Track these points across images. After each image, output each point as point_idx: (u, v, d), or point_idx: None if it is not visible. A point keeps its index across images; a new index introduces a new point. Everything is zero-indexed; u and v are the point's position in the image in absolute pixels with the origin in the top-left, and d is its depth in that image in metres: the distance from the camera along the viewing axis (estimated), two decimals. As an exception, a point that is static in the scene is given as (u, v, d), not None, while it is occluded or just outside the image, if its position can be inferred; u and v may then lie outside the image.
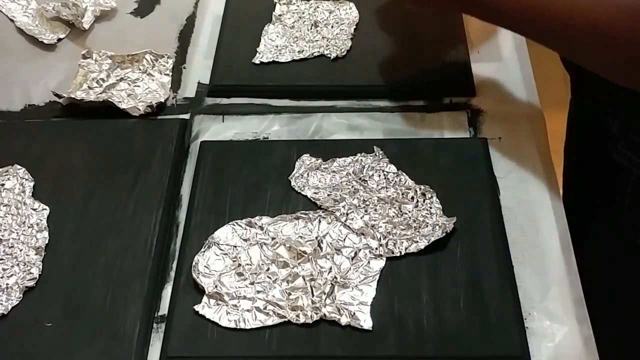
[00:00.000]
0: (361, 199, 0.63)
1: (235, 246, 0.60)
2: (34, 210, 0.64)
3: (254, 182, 0.66)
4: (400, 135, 0.71)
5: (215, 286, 0.57)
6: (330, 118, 0.73)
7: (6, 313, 0.57)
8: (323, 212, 0.62)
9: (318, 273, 0.58)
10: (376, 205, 0.63)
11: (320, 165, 0.67)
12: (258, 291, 0.57)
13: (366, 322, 0.55)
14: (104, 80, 0.77)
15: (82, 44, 0.83)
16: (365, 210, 0.62)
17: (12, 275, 0.59)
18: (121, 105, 0.73)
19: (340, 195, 0.64)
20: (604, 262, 0.76)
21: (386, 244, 0.59)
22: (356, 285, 0.57)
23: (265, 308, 0.56)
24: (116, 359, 0.55)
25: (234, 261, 0.59)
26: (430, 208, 0.62)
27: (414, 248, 0.59)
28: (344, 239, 0.60)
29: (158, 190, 0.66)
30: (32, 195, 0.65)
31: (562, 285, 0.58)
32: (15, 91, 0.77)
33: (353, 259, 0.59)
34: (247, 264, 0.59)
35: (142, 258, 0.60)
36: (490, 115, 0.72)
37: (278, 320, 0.55)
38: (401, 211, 0.62)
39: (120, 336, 0.56)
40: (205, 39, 0.83)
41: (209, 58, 0.80)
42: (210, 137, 0.71)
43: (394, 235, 0.60)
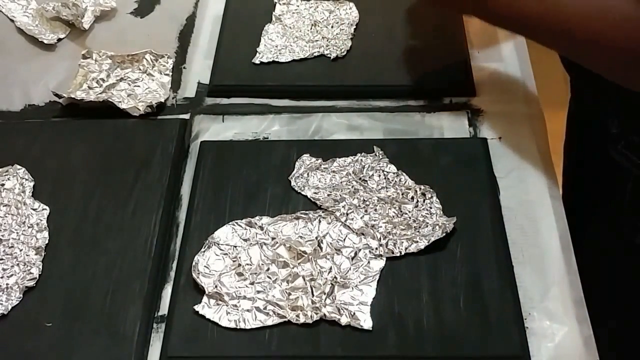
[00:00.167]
0: (361, 199, 0.63)
1: (235, 246, 0.60)
2: (34, 210, 0.64)
3: (254, 182, 0.66)
4: (400, 135, 0.71)
5: (215, 286, 0.57)
6: (330, 118, 0.73)
7: (6, 313, 0.57)
8: (323, 212, 0.62)
9: (318, 273, 0.58)
10: (376, 205, 0.63)
11: (320, 165, 0.67)
12: (258, 291, 0.57)
13: (366, 322, 0.55)
14: (104, 80, 0.77)
15: (82, 44, 0.83)
16: (365, 210, 0.62)
17: (12, 275, 0.59)
18: (121, 105, 0.73)
19: (340, 195, 0.64)
20: (604, 262, 0.76)
21: (386, 244, 0.59)
22: (356, 285, 0.57)
23: (265, 308, 0.56)
24: (116, 359, 0.55)
25: (234, 261, 0.59)
26: (430, 208, 0.62)
27: (414, 248, 0.59)
28: (344, 239, 0.60)
29: (158, 190, 0.66)
30: (32, 195, 0.65)
31: (562, 285, 0.58)
32: (15, 91, 0.77)
33: (353, 259, 0.59)
34: (247, 264, 0.59)
35: (142, 258, 0.60)
36: (490, 115, 0.72)
37: (278, 320, 0.55)
38: (401, 211, 0.62)
39: (120, 336, 0.56)
40: (205, 39, 0.83)
41: (209, 58, 0.80)
42: (210, 137, 0.71)
43: (394, 235, 0.60)
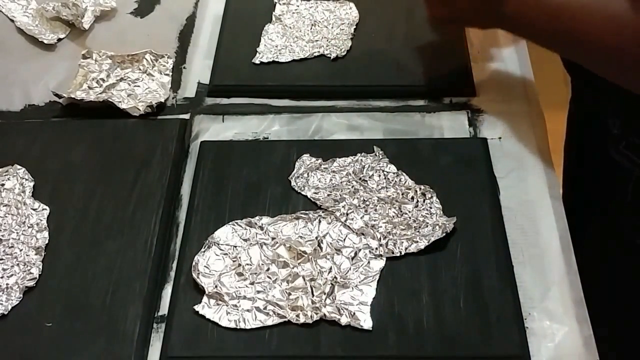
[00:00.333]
0: (361, 199, 0.63)
1: (235, 246, 0.60)
2: (34, 210, 0.64)
3: (254, 182, 0.66)
4: (400, 135, 0.71)
5: (215, 286, 0.57)
6: (330, 118, 0.73)
7: (6, 313, 0.57)
8: (323, 212, 0.62)
9: (318, 273, 0.58)
10: (376, 205, 0.63)
11: (320, 165, 0.67)
12: (258, 291, 0.57)
13: (366, 322, 0.55)
14: (104, 80, 0.77)
15: (82, 44, 0.83)
16: (365, 210, 0.62)
17: (12, 275, 0.59)
18: (121, 105, 0.73)
19: (340, 195, 0.64)
20: (604, 262, 0.76)
21: (386, 244, 0.59)
22: (356, 285, 0.57)
23: (265, 308, 0.56)
24: (116, 359, 0.55)
25: (234, 261, 0.59)
26: (430, 208, 0.62)
27: (414, 248, 0.59)
28: (344, 239, 0.60)
29: (158, 190, 0.66)
30: (32, 195, 0.65)
31: (562, 285, 0.58)
32: (15, 91, 0.77)
33: (353, 259, 0.59)
34: (247, 264, 0.59)
35: (142, 258, 0.60)
36: (490, 115, 0.72)
37: (278, 320, 0.55)
38: (401, 211, 0.62)
39: (120, 336, 0.56)
40: (205, 39, 0.83)
41: (209, 58, 0.80)
42: (210, 137, 0.71)
43: (394, 235, 0.60)
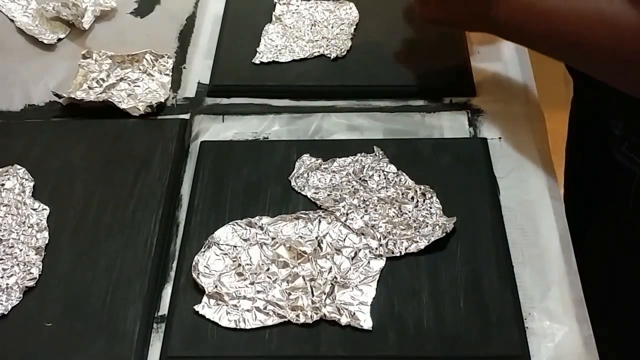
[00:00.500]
0: (361, 199, 0.63)
1: (235, 246, 0.60)
2: (34, 210, 0.64)
3: (254, 182, 0.66)
4: (400, 135, 0.71)
5: (215, 286, 0.57)
6: (330, 118, 0.73)
7: (6, 313, 0.57)
8: (323, 212, 0.62)
9: (318, 273, 0.58)
10: (376, 205, 0.63)
11: (320, 165, 0.67)
12: (258, 291, 0.57)
13: (366, 322, 0.55)
14: (104, 80, 0.77)
15: (82, 44, 0.83)
16: (365, 210, 0.62)
17: (12, 275, 0.59)
18: (121, 105, 0.73)
19: (340, 195, 0.64)
20: (604, 262, 0.76)
21: (386, 244, 0.59)
22: (356, 285, 0.57)
23: (265, 308, 0.56)
24: (116, 359, 0.55)
25: (234, 261, 0.59)
26: (430, 208, 0.62)
27: (414, 248, 0.59)
28: (344, 239, 0.60)
29: (158, 190, 0.66)
30: (32, 195, 0.65)
31: (562, 285, 0.58)
32: (15, 91, 0.77)
33: (353, 259, 0.59)
34: (247, 264, 0.59)
35: (142, 258, 0.60)
36: (490, 115, 0.72)
37: (278, 320, 0.55)
38: (401, 211, 0.62)
39: (120, 336, 0.56)
40: (205, 39, 0.83)
41: (209, 58, 0.80)
42: (210, 137, 0.71)
43: (394, 235, 0.60)
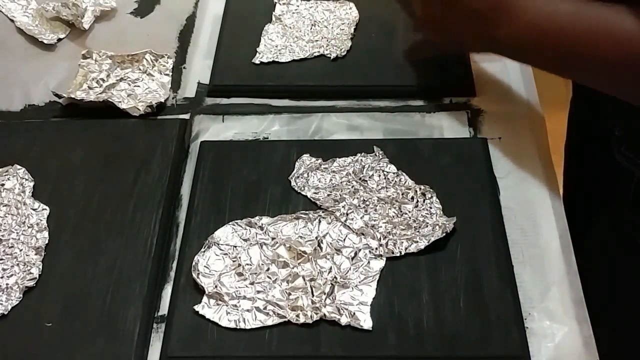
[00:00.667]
0: (361, 199, 0.63)
1: (235, 246, 0.60)
2: (34, 210, 0.64)
3: (254, 182, 0.66)
4: (400, 135, 0.71)
5: (215, 286, 0.57)
6: (330, 118, 0.73)
7: (6, 313, 0.57)
8: (323, 212, 0.62)
9: (318, 273, 0.58)
10: (376, 205, 0.63)
11: (320, 165, 0.67)
12: (258, 291, 0.57)
13: (366, 322, 0.55)
14: (104, 80, 0.77)
15: (82, 44, 0.83)
16: (365, 210, 0.62)
17: (12, 275, 0.59)
18: (121, 105, 0.73)
19: (340, 195, 0.64)
20: (604, 262, 0.76)
21: (386, 244, 0.59)
22: (356, 285, 0.57)
23: (265, 308, 0.56)
24: (116, 359, 0.55)
25: (234, 261, 0.59)
26: (430, 208, 0.62)
27: (414, 248, 0.59)
28: (344, 239, 0.60)
29: (158, 190, 0.66)
30: (32, 195, 0.65)
31: (562, 285, 0.58)
32: (15, 91, 0.77)
33: (353, 259, 0.59)
34: (247, 264, 0.59)
35: (142, 258, 0.60)
36: (490, 115, 0.72)
37: (278, 320, 0.55)
38: (401, 211, 0.62)
39: (120, 336, 0.56)
40: (205, 39, 0.83)
41: (209, 58, 0.80)
42: (210, 137, 0.71)
43: (394, 235, 0.60)
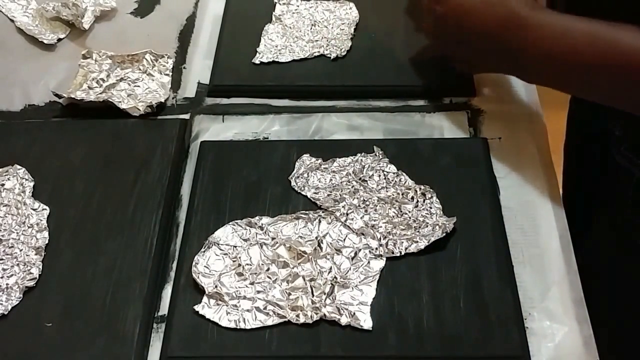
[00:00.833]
0: (361, 199, 0.63)
1: (235, 246, 0.60)
2: (34, 210, 0.64)
3: (254, 182, 0.66)
4: (400, 135, 0.71)
5: (215, 286, 0.57)
6: (330, 118, 0.73)
7: (6, 313, 0.57)
8: (323, 212, 0.62)
9: (318, 273, 0.58)
10: (376, 205, 0.63)
11: (320, 165, 0.67)
12: (258, 291, 0.57)
13: (366, 322, 0.55)
14: (104, 80, 0.77)
15: (82, 44, 0.83)
16: (365, 210, 0.62)
17: (12, 275, 0.59)
18: (121, 105, 0.73)
19: (340, 195, 0.64)
20: (604, 262, 0.76)
21: (386, 244, 0.59)
22: (356, 285, 0.57)
23: (265, 308, 0.56)
24: (116, 359, 0.55)
25: (234, 261, 0.59)
26: (430, 208, 0.62)
27: (414, 248, 0.59)
28: (344, 239, 0.60)
29: (158, 190, 0.66)
30: (32, 195, 0.65)
31: (562, 285, 0.58)
32: (15, 91, 0.77)
33: (353, 259, 0.59)
34: (247, 264, 0.59)
35: (142, 258, 0.60)
36: (490, 115, 0.72)
37: (278, 320, 0.55)
38: (401, 211, 0.62)
39: (120, 336, 0.56)
40: (205, 39, 0.83)
41: (209, 58, 0.80)
42: (210, 137, 0.71)
43: (394, 235, 0.60)
